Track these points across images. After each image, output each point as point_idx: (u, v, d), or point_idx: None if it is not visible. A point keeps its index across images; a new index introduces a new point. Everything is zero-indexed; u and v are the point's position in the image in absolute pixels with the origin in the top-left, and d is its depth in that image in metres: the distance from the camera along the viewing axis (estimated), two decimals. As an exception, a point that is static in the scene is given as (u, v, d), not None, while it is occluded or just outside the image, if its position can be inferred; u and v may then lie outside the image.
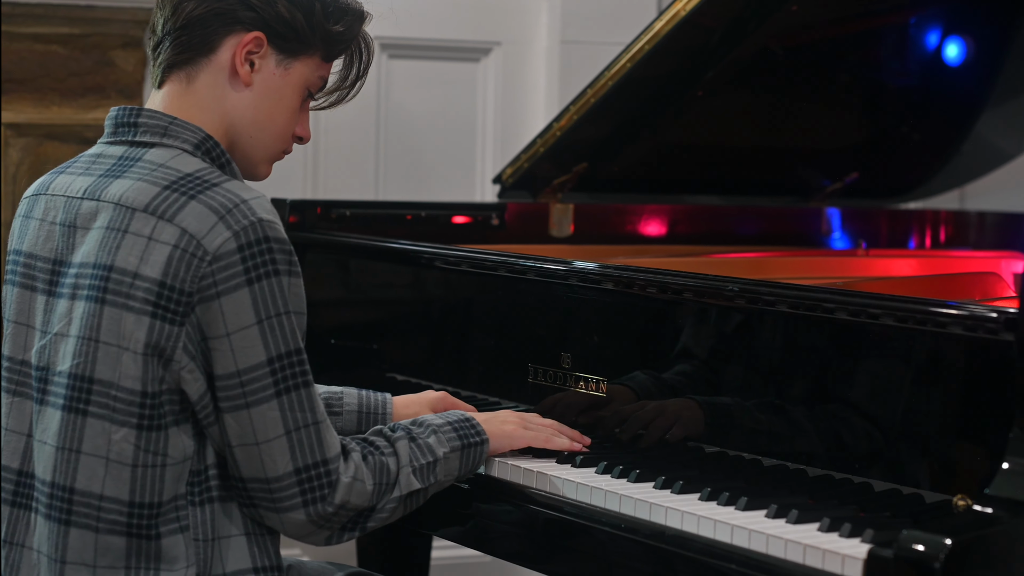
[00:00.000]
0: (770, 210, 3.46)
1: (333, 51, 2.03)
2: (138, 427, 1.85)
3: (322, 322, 2.91)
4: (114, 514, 1.86)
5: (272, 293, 1.84)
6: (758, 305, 2.08)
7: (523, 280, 2.43)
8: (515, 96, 3.94)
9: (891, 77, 3.39)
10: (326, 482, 1.88)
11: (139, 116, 1.94)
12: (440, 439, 2.02)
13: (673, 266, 2.53)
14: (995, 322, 1.81)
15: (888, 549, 1.69)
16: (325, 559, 3.70)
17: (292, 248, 1.88)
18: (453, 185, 3.90)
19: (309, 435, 1.87)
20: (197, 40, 1.94)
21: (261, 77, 1.97)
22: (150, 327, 1.83)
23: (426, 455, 1.99)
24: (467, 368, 2.59)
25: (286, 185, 3.71)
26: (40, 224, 1.96)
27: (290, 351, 1.85)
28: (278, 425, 1.85)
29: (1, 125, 3.36)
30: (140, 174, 1.89)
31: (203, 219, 1.83)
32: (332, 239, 2.88)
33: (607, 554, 1.99)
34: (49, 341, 1.90)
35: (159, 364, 1.84)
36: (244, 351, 1.83)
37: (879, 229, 3.58)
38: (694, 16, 2.80)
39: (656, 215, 3.31)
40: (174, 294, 1.82)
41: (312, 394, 1.88)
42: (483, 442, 2.06)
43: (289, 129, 2.03)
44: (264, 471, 1.86)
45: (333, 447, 1.89)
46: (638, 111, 3.08)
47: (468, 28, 3.90)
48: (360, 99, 3.79)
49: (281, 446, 1.85)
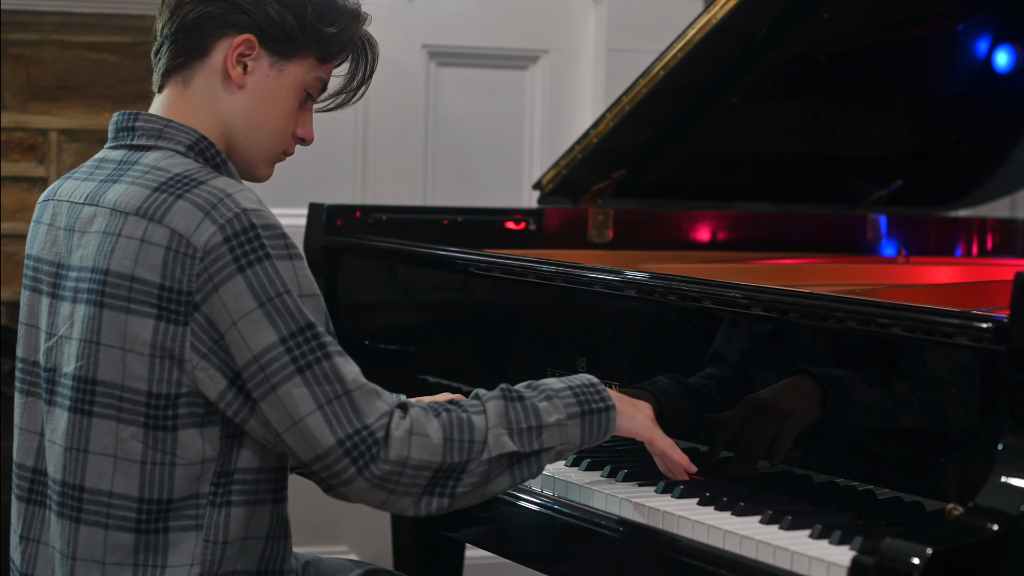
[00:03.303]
0: (814, 217, 3.45)
1: (329, 52, 2.03)
2: (145, 426, 1.87)
3: (356, 324, 2.96)
4: (124, 510, 1.89)
5: (268, 276, 1.84)
6: (755, 311, 2.10)
7: (551, 286, 2.45)
8: (562, 104, 3.97)
9: (940, 85, 3.37)
10: (371, 442, 1.84)
11: (136, 120, 1.98)
12: (555, 404, 1.95)
13: (700, 272, 2.54)
14: (986, 331, 1.80)
15: (871, 557, 1.69)
16: (365, 558, 3.75)
17: (284, 232, 1.88)
18: (500, 192, 3.93)
19: (343, 405, 1.85)
20: (191, 44, 1.97)
21: (254, 79, 1.99)
22: (155, 329, 1.86)
23: (530, 419, 1.93)
24: (498, 372, 2.61)
25: (336, 191, 3.77)
26: (48, 229, 2.00)
27: (301, 327, 1.85)
28: (308, 401, 1.84)
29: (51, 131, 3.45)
30: (134, 177, 1.93)
31: (190, 217, 1.85)
32: (366, 243, 2.92)
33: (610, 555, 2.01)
34: (55, 343, 1.94)
35: (172, 366, 1.86)
36: (254, 335, 1.83)
37: (927, 237, 3.56)
38: (726, 23, 2.81)
39: (697, 221, 3.31)
40: (174, 294, 1.85)
41: (336, 365, 1.86)
42: (608, 408, 1.98)
43: (287, 130, 2.03)
44: (313, 449, 1.84)
45: (373, 411, 1.86)
46: (674, 117, 3.09)
47: (516, 36, 3.93)
48: (408, 106, 3.88)
49: (317, 421, 1.84)
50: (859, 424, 1.99)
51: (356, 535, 3.83)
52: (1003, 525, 1.70)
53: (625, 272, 2.34)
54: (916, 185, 3.48)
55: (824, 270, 2.97)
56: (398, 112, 3.86)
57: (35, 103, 3.39)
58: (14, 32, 3.37)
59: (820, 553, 1.77)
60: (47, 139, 3.43)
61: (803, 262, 3.06)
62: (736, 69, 3.00)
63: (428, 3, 3.84)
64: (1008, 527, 1.70)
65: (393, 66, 3.81)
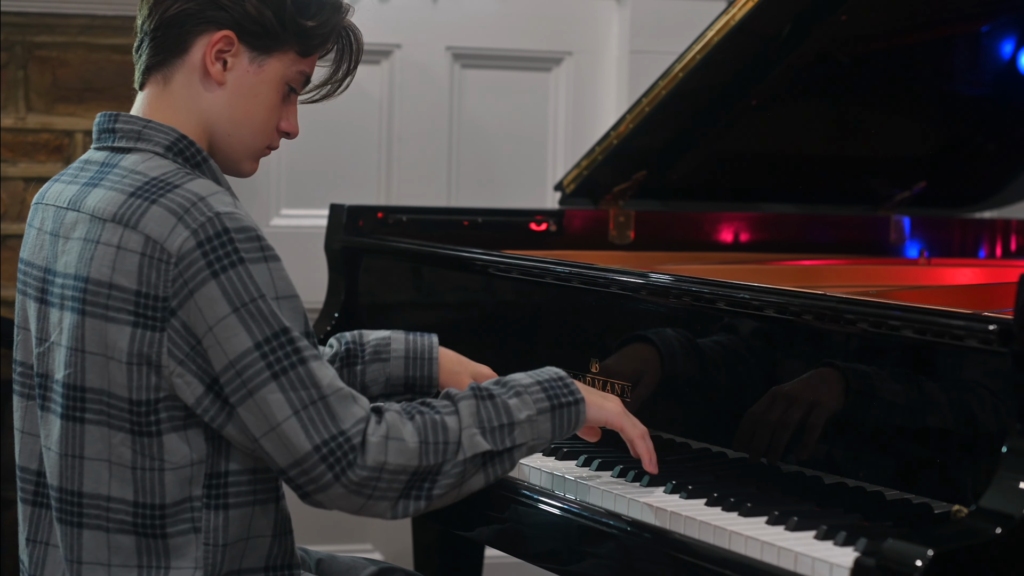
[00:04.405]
0: (837, 218, 3.44)
1: (310, 46, 2.01)
2: (132, 432, 1.88)
3: (376, 323, 2.97)
4: (122, 514, 1.90)
5: (241, 280, 1.84)
6: (762, 311, 2.10)
7: (568, 287, 2.46)
8: (586, 105, 3.97)
9: (964, 86, 3.35)
10: (348, 448, 1.84)
11: (116, 121, 1.97)
12: (525, 400, 1.96)
13: (718, 274, 2.54)
14: (992, 333, 1.80)
15: (873, 558, 1.69)
16: (388, 557, 3.77)
17: (258, 234, 1.87)
18: (524, 193, 3.94)
19: (319, 410, 1.84)
20: (170, 41, 1.96)
21: (234, 75, 1.97)
22: (131, 336, 1.85)
23: (501, 416, 1.94)
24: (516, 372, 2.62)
25: (360, 192, 3.78)
26: (37, 233, 2.00)
27: (276, 332, 1.84)
28: (284, 407, 1.84)
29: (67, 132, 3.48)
30: (113, 182, 1.92)
31: (163, 222, 1.85)
32: (385, 244, 2.94)
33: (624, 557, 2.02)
34: (46, 349, 1.95)
35: (150, 372, 1.86)
36: (229, 341, 1.83)
37: (951, 238, 3.55)
38: (744, 25, 2.81)
39: (719, 223, 3.31)
40: (151, 300, 1.85)
41: (311, 370, 1.85)
42: (577, 402, 1.99)
43: (269, 125, 2.02)
44: (291, 454, 1.85)
45: (349, 416, 1.86)
46: (694, 119, 3.09)
47: (540, 38, 3.94)
48: (433, 108, 3.90)
49: (294, 426, 1.83)
50: (868, 425, 1.99)
51: (380, 534, 3.85)
52: (1006, 527, 1.69)
53: (639, 273, 2.34)
54: (940, 186, 3.47)
55: (842, 271, 2.97)
56: (423, 114, 3.88)
57: (61, 105, 3.42)
58: (40, 34, 3.41)
59: (824, 554, 1.78)
60: (73, 140, 3.47)
61: (821, 263, 3.06)
62: (756, 70, 3.01)
63: (452, 5, 3.86)
64: (1011, 529, 1.69)
65: (418, 68, 3.83)
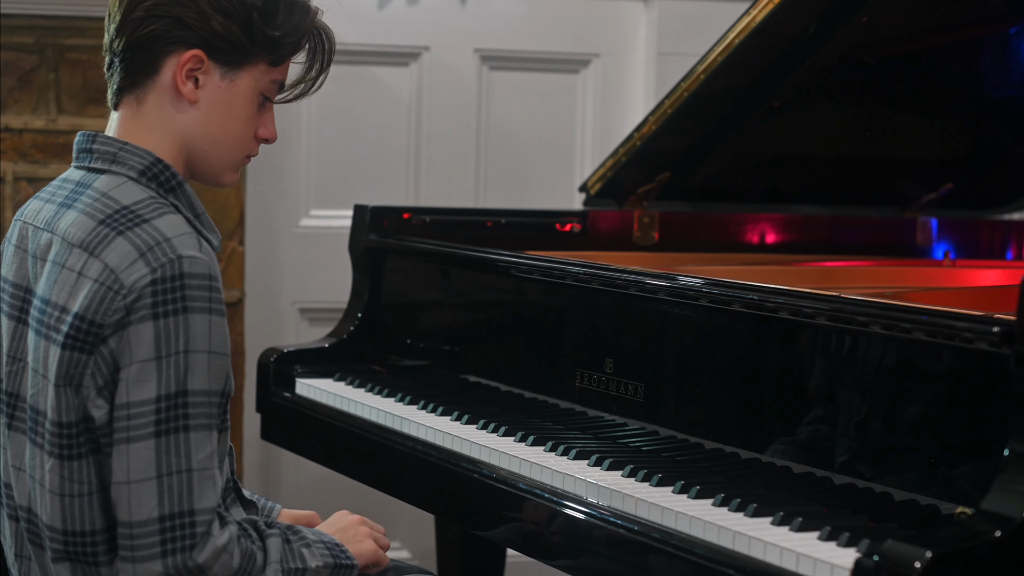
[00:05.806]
0: (863, 220, 3.44)
1: (280, 55, 2.00)
2: (59, 456, 1.88)
3: (399, 323, 3.00)
4: (56, 543, 1.90)
5: (176, 330, 1.83)
6: (764, 312, 2.11)
7: (588, 288, 2.47)
8: (613, 107, 3.98)
9: (992, 88, 3.34)
10: (190, 533, 1.83)
11: (94, 142, 1.97)
12: (313, 552, 1.99)
13: (739, 275, 2.55)
14: (995, 334, 1.80)
15: (873, 559, 1.70)
16: (415, 555, 3.79)
17: (213, 284, 1.86)
18: (552, 195, 3.95)
19: (181, 482, 1.83)
20: (140, 63, 1.95)
21: (207, 93, 1.97)
22: (61, 358, 1.86)
23: (297, 560, 1.97)
24: (536, 372, 2.64)
25: (388, 193, 3.81)
26: (16, 251, 2.01)
27: (180, 391, 1.83)
28: (150, 466, 1.82)
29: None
30: (85, 204, 1.92)
31: (125, 255, 1.85)
32: (408, 244, 2.96)
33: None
34: (19, 368, 1.96)
35: (72, 392, 1.86)
36: (137, 384, 1.82)
37: (978, 239, 3.53)
38: (765, 26, 2.82)
39: (744, 224, 3.31)
40: (89, 326, 1.85)
41: (195, 440, 1.84)
42: (353, 566, 2.04)
43: (246, 137, 2.02)
44: (129, 514, 1.83)
45: (207, 499, 1.84)
46: (717, 120, 3.10)
47: (567, 40, 3.95)
48: (461, 110, 3.92)
49: (149, 489, 1.82)
50: (875, 426, 1.99)
51: (408, 533, 3.87)
52: (1006, 529, 1.70)
53: (657, 274, 2.36)
54: (968, 188, 3.46)
55: (865, 273, 2.96)
56: (450, 115, 3.90)
57: (91, 107, 3.46)
58: (71, 37, 3.45)
59: (826, 555, 1.78)
60: (104, 142, 3.51)
61: (844, 264, 3.06)
62: (778, 72, 3.00)
63: (480, 7, 3.88)
64: (1011, 531, 1.70)
65: (446, 70, 3.86)
